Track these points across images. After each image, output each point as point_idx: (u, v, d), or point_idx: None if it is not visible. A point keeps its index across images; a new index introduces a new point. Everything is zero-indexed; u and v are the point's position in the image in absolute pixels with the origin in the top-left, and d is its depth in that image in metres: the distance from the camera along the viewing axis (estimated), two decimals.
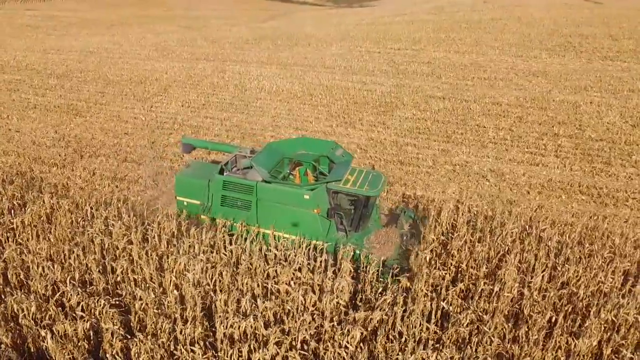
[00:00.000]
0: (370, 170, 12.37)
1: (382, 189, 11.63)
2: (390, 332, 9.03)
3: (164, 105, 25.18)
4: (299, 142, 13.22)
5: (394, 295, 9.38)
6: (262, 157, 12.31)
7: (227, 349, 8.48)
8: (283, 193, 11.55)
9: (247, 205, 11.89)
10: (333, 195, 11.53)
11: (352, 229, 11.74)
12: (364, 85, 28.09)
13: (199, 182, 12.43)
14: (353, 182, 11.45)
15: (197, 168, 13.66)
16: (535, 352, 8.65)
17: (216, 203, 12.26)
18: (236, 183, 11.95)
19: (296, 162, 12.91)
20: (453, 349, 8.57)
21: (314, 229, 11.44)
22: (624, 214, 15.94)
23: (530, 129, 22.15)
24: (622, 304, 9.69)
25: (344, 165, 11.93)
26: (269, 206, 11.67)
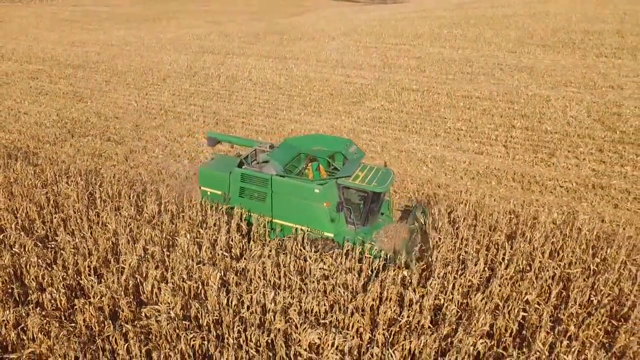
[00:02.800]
0: (381, 167, 12.64)
1: (389, 185, 12.04)
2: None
3: (157, 93, 27.63)
4: (315, 139, 13.79)
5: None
6: (279, 152, 12.94)
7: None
8: (295, 187, 12.04)
9: (263, 197, 12.47)
10: (343, 190, 12.02)
11: (360, 223, 12.20)
12: (347, 78, 29.66)
13: (220, 174, 13.08)
14: (363, 178, 11.86)
15: (219, 161, 14.24)
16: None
17: (235, 194, 12.92)
18: (253, 176, 12.49)
19: (312, 157, 13.51)
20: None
21: (323, 221, 12.00)
22: (547, 200, 17.00)
23: (489, 121, 23.19)
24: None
25: (355, 162, 12.42)
26: (283, 198, 12.24)
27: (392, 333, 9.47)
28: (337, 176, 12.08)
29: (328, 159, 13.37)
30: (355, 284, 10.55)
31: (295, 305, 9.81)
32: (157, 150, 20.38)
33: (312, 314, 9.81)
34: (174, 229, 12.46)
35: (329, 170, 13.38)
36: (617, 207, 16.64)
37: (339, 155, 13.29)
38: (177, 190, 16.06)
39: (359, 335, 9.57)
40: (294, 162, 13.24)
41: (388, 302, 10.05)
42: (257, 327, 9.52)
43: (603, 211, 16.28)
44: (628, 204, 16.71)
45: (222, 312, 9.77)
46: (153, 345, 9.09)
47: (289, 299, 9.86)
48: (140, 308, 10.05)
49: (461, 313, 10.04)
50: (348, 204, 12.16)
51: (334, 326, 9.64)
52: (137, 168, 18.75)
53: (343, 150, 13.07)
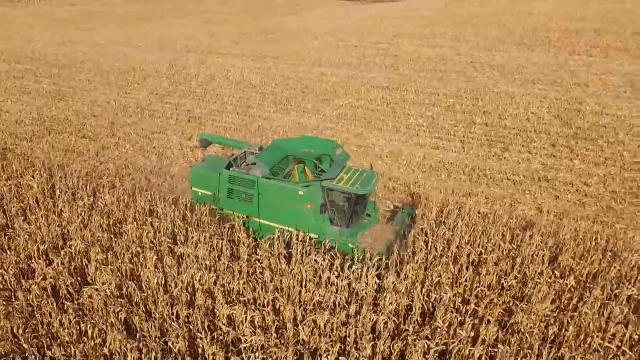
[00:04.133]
0: (366, 169, 12.87)
1: (373, 187, 12.29)
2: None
3: (136, 92, 28.59)
4: (303, 141, 14.03)
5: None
6: (267, 154, 13.23)
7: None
8: (280, 188, 12.35)
9: (250, 198, 12.81)
10: (327, 192, 12.26)
11: (343, 224, 12.52)
12: (322, 76, 30.54)
13: (210, 175, 13.36)
14: (346, 180, 12.12)
15: (211, 162, 14.46)
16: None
17: (224, 195, 13.26)
18: (240, 178, 12.80)
19: (299, 159, 13.76)
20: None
21: (307, 223, 12.31)
22: (491, 192, 17.85)
23: (451, 117, 24.02)
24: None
25: (339, 165, 12.70)
26: (269, 200, 12.57)
27: (307, 310, 10.38)
28: (321, 178, 12.38)
29: (315, 161, 13.60)
30: (283, 268, 11.46)
31: (220, 284, 10.73)
32: (128, 146, 21.33)
33: (234, 292, 10.73)
34: (123, 217, 13.41)
35: (316, 172, 13.65)
36: (557, 198, 17.48)
37: (325, 157, 13.51)
38: (143, 183, 17.11)
39: (277, 311, 10.49)
40: (281, 164, 13.48)
41: (309, 284, 10.96)
42: (183, 304, 10.46)
43: (543, 202, 17.10)
44: (569, 196, 17.55)
45: (154, 291, 10.71)
46: (88, 319, 10.04)
47: (213, 278, 10.77)
48: (83, 287, 11.01)
49: (377, 294, 10.92)
50: (333, 205, 12.41)
51: (257, 304, 10.57)
52: (107, 163, 19.70)
53: (329, 153, 13.29)
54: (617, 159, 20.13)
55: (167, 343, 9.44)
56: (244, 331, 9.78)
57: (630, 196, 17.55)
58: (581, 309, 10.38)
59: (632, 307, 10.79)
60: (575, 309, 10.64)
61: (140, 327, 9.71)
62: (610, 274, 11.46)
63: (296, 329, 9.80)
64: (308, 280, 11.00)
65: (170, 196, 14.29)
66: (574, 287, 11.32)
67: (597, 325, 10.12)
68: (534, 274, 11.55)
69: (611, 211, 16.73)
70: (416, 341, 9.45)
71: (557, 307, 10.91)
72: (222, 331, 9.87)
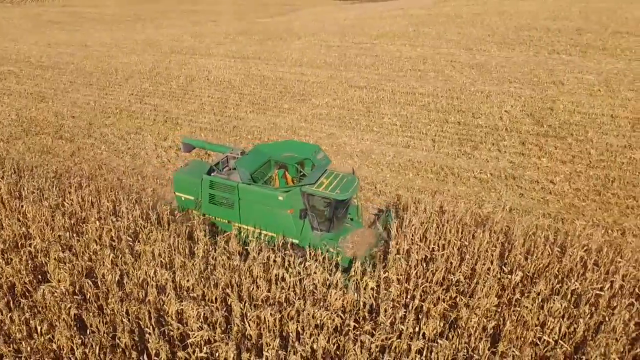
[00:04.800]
0: (346, 174, 12.87)
1: (353, 192, 12.21)
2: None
3: (116, 93, 28.85)
4: (285, 145, 13.87)
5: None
6: (247, 158, 13.10)
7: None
8: (260, 194, 12.31)
9: (231, 203, 12.80)
10: (308, 198, 12.21)
11: (324, 229, 12.47)
12: (301, 76, 30.82)
13: (193, 180, 13.30)
14: (327, 185, 12.05)
15: (194, 167, 14.34)
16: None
17: (205, 200, 13.22)
18: (221, 183, 12.79)
19: (281, 163, 13.69)
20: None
21: (287, 228, 12.34)
22: (458, 190, 18.17)
23: (425, 117, 24.32)
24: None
25: (320, 169, 12.63)
26: (250, 205, 12.56)
27: (256, 306, 10.67)
28: (301, 184, 12.34)
29: (297, 165, 13.55)
30: (237, 265, 11.74)
31: (171, 281, 11.02)
32: (103, 147, 21.59)
33: (185, 289, 11.01)
34: (86, 217, 13.68)
35: (297, 177, 13.61)
36: (522, 196, 17.81)
37: (308, 162, 13.45)
38: (115, 184, 17.39)
39: (228, 307, 10.77)
40: (263, 169, 13.37)
41: (258, 280, 11.25)
42: (136, 300, 10.74)
43: (507, 200, 17.42)
44: (533, 193, 17.88)
45: (108, 287, 10.99)
46: (40, 316, 10.31)
47: (165, 275, 11.06)
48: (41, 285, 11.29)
49: (326, 290, 11.20)
50: (313, 210, 12.35)
51: (207, 300, 10.86)
52: (81, 164, 19.97)
53: (311, 157, 13.20)
54: (584, 157, 20.46)
55: (115, 338, 9.71)
56: (192, 327, 10.05)
57: (594, 193, 17.88)
58: (523, 304, 10.67)
59: (573, 301, 11.10)
60: (517, 304, 10.93)
61: (91, 323, 9.97)
62: (554, 269, 11.75)
63: (242, 324, 10.09)
64: (259, 277, 11.27)
65: (134, 196, 14.55)
66: (520, 283, 11.62)
67: (537, 319, 10.41)
68: (482, 269, 11.84)
69: (573, 208, 17.06)
70: (359, 336, 9.74)
71: (501, 302, 11.20)
72: (171, 327, 10.14)
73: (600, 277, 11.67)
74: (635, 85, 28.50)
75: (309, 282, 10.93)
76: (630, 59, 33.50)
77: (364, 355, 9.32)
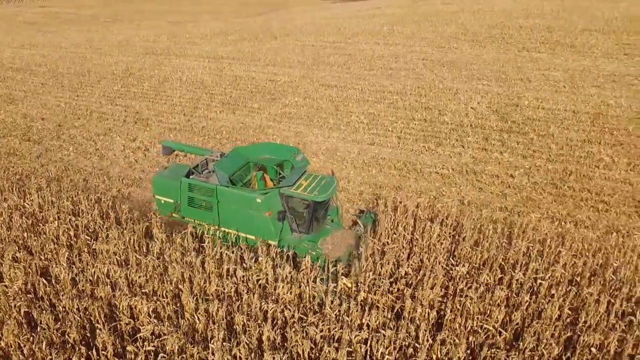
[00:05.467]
0: (325, 175, 12.83)
1: (331, 194, 12.16)
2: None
3: (88, 94, 28.85)
4: (264, 148, 13.98)
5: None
6: (226, 161, 13.06)
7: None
8: (239, 196, 12.24)
9: (210, 206, 12.70)
10: (287, 200, 12.13)
11: (303, 231, 12.42)
12: (273, 76, 31.08)
13: (172, 183, 13.20)
14: (305, 187, 11.99)
15: (174, 169, 14.25)
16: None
17: (184, 203, 13.12)
18: (199, 186, 12.70)
19: (260, 166, 13.64)
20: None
21: (266, 230, 12.30)
22: (419, 185, 18.56)
23: (393, 114, 24.73)
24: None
25: (299, 171, 12.62)
26: (228, 208, 12.47)
27: (204, 300, 10.93)
28: (280, 186, 12.31)
29: (276, 167, 13.52)
30: (193, 261, 11.98)
31: (124, 278, 11.24)
32: (71, 149, 21.65)
33: (138, 285, 11.24)
34: (45, 217, 13.83)
35: (276, 179, 13.61)
36: (481, 190, 18.25)
37: (287, 164, 13.39)
38: (80, 184, 17.51)
39: (179, 302, 11.02)
40: (242, 171, 13.31)
41: (210, 275, 11.51)
42: (89, 297, 10.95)
43: (466, 195, 17.86)
44: (492, 187, 18.34)
45: (62, 285, 11.18)
46: None
47: (119, 272, 11.28)
48: None
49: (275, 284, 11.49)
50: (292, 212, 12.29)
51: (159, 295, 11.10)
52: (47, 165, 20.03)
53: (290, 159, 13.17)
54: (545, 152, 21.00)
55: (64, 334, 9.92)
56: (142, 321, 10.29)
57: (551, 187, 18.39)
58: (466, 294, 11.07)
59: (516, 290, 11.53)
60: (462, 294, 11.33)
61: (41, 321, 10.16)
62: (499, 260, 12.17)
63: (192, 318, 10.35)
64: (211, 272, 11.54)
65: (93, 196, 14.72)
66: (467, 274, 12.01)
67: (479, 309, 10.81)
68: (430, 262, 12.22)
69: (530, 201, 17.54)
70: (306, 328, 10.07)
71: (448, 293, 11.58)
72: (122, 322, 10.37)
73: (542, 267, 12.11)
74: (599, 82, 29.24)
75: (258, 277, 11.21)
76: (597, 56, 34.32)
77: (308, 345, 9.63)
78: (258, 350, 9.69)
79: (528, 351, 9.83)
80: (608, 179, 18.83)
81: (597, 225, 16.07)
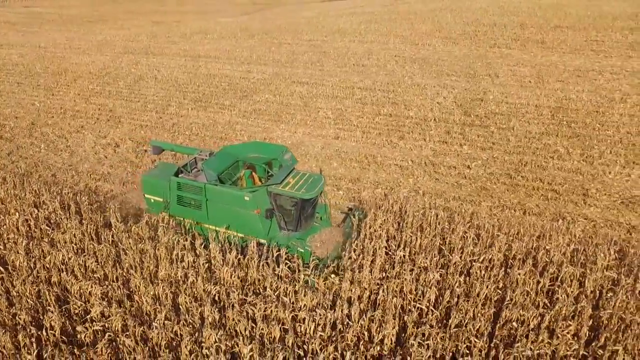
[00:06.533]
0: (313, 173, 12.97)
1: (318, 192, 12.32)
2: None
3: (63, 93, 29.27)
4: (252, 146, 14.10)
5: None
6: (215, 160, 13.22)
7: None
8: (227, 194, 12.38)
9: (199, 204, 12.86)
10: (275, 197, 12.30)
11: (292, 228, 12.60)
12: (248, 74, 31.65)
13: (161, 182, 13.40)
14: (293, 185, 12.16)
15: (162, 169, 14.50)
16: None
17: (173, 202, 13.28)
18: (188, 184, 12.86)
19: (249, 164, 13.82)
20: None
21: (255, 228, 12.47)
22: (378, 177, 19.22)
23: (359, 110, 25.39)
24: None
25: (287, 169, 12.79)
26: (217, 206, 12.62)
27: (153, 283, 11.52)
28: (267, 184, 12.45)
29: (265, 165, 13.69)
30: (144, 248, 12.56)
31: (78, 264, 11.82)
32: (43, 146, 22.12)
33: (90, 271, 11.82)
34: (7, 209, 14.35)
35: (265, 177, 13.77)
36: (437, 180, 18.97)
37: (275, 162, 13.54)
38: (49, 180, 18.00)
39: (129, 286, 11.60)
40: (231, 170, 13.46)
41: (162, 261, 12.11)
42: (44, 282, 11.51)
43: (422, 185, 18.56)
44: (448, 178, 19.06)
45: (18, 272, 11.74)
46: None
47: (74, 259, 11.85)
48: None
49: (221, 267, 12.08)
50: (280, 210, 12.45)
51: (109, 280, 11.68)
52: (18, 162, 20.49)
53: (278, 157, 13.34)
54: (504, 144, 21.77)
55: (15, 317, 10.48)
56: (93, 304, 10.87)
57: (505, 177, 19.15)
58: (404, 276, 11.73)
59: (451, 272, 12.19)
60: (398, 277, 11.99)
61: None
62: (436, 243, 12.85)
63: (140, 300, 10.95)
64: (163, 258, 12.13)
65: (54, 189, 15.25)
66: (408, 257, 12.66)
67: (414, 290, 11.47)
68: (372, 247, 12.86)
69: (484, 191, 18.28)
70: (244, 307, 10.69)
71: (389, 275, 12.22)
72: (74, 305, 10.94)
73: (478, 250, 12.79)
74: (564, 76, 30.09)
75: (206, 261, 11.82)
76: (565, 52, 35.18)
77: (249, 324, 10.26)
78: (200, 329, 10.29)
79: (454, 327, 10.50)
80: (561, 169, 19.61)
81: (544, 212, 16.84)
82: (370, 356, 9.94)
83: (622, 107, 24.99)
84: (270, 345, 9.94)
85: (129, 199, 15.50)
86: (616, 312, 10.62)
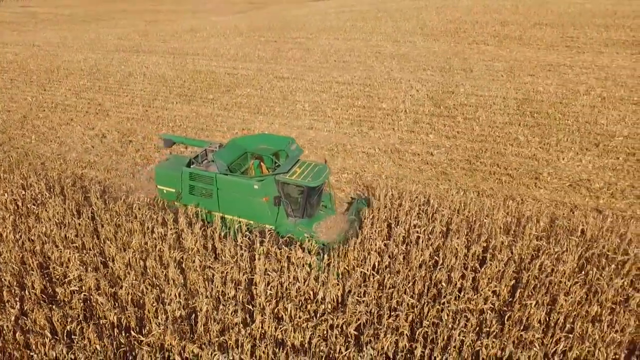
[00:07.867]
0: (318, 163, 13.72)
1: (323, 180, 12.99)
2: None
3: (54, 89, 30.63)
4: (260, 138, 14.66)
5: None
6: (224, 151, 13.94)
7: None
8: (237, 183, 13.16)
9: (210, 193, 13.62)
10: (282, 186, 12.99)
11: (298, 216, 13.34)
12: (233, 70, 33.01)
13: (173, 173, 14.15)
14: (299, 174, 12.83)
15: (174, 160, 15.23)
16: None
17: (186, 191, 14.04)
18: (200, 175, 13.58)
19: (257, 155, 14.49)
20: None
21: (263, 215, 13.21)
22: (346, 163, 20.56)
23: (335, 102, 26.74)
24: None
25: (293, 159, 13.44)
26: (227, 195, 13.37)
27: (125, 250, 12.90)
28: (275, 172, 13.11)
29: (272, 156, 14.22)
30: (120, 222, 13.95)
31: (62, 236, 13.21)
32: (33, 137, 23.49)
33: (70, 241, 13.21)
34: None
35: (272, 167, 14.38)
36: (400, 166, 20.32)
37: (282, 153, 14.12)
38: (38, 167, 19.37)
39: (105, 255, 12.99)
40: (240, 161, 14.19)
41: (137, 234, 13.50)
42: (28, 251, 12.90)
43: (385, 170, 19.91)
44: (411, 164, 20.40)
45: (6, 244, 13.14)
46: None
47: (56, 231, 13.25)
48: None
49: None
50: (287, 198, 13.17)
51: (87, 249, 13.07)
52: (9, 152, 21.86)
53: (285, 148, 13.91)
54: (468, 133, 23.09)
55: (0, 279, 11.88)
56: (71, 269, 12.26)
57: (464, 163, 20.48)
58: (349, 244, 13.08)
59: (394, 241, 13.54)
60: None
61: None
62: (381, 217, 14.22)
63: (114, 265, 12.34)
64: (136, 231, 13.52)
65: (42, 172, 16.64)
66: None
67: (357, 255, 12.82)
68: None
69: (443, 175, 19.62)
70: (206, 271, 12.08)
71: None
72: (56, 271, 12.34)
73: (422, 222, 14.16)
74: (535, 71, 31.41)
75: (174, 232, 13.22)
76: (540, 48, 36.51)
77: (202, 283, 11.65)
78: (162, 288, 11.68)
79: (389, 288, 11.86)
80: (518, 155, 20.95)
81: (497, 194, 18.18)
82: (312, 311, 11.30)
83: (585, 98, 26.28)
84: (224, 301, 11.33)
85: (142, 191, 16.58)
86: (533, 273, 12.01)
